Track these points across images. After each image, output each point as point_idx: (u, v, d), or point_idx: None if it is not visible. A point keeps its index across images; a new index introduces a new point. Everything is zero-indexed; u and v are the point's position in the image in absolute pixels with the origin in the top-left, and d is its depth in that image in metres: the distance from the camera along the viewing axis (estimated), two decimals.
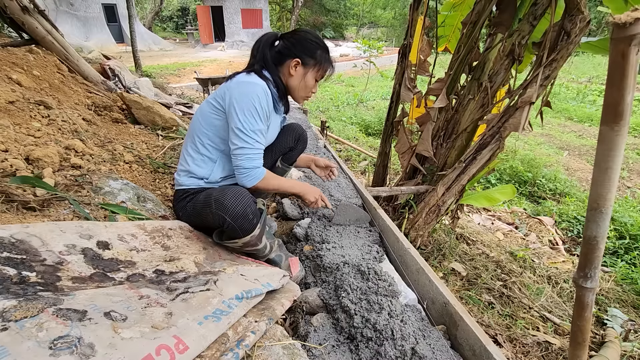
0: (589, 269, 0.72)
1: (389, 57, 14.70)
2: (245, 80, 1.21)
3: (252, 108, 1.17)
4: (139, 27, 15.79)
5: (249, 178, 1.22)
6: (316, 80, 1.34)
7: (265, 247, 1.29)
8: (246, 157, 1.20)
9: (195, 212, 1.23)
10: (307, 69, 1.30)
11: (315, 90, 1.38)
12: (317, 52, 1.29)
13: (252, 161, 1.21)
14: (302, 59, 1.27)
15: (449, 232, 2.25)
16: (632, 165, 4.95)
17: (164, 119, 2.61)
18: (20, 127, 1.49)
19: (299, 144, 1.63)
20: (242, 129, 1.17)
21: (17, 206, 1.06)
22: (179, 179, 1.30)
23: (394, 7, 26.87)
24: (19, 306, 0.63)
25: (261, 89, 1.20)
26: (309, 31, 1.33)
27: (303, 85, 1.32)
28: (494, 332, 1.42)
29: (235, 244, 1.21)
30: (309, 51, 1.28)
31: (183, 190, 1.29)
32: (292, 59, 1.27)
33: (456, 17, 2.21)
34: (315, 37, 1.31)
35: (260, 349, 0.86)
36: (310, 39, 1.29)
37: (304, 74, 1.30)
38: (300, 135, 1.62)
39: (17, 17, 2.55)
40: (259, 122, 1.20)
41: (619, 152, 0.60)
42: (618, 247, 2.82)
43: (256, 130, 1.20)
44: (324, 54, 1.30)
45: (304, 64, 1.28)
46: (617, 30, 0.52)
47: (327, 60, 1.32)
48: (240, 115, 1.17)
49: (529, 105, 1.55)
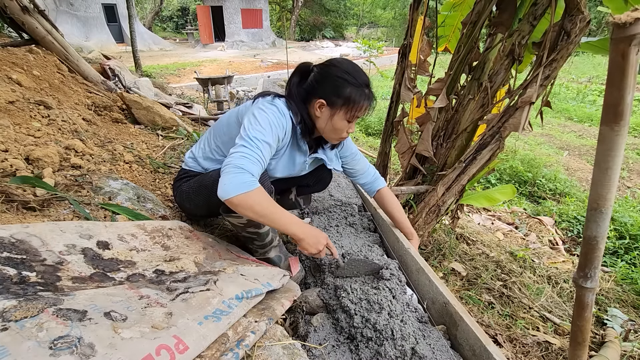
0: (589, 269, 0.72)
1: (389, 57, 14.70)
2: (275, 101, 1.14)
3: (265, 120, 1.05)
4: (139, 27, 15.79)
5: (232, 181, 0.92)
6: (348, 121, 1.15)
7: (268, 234, 1.24)
8: (240, 154, 0.98)
9: (198, 187, 1.23)
10: (334, 110, 1.12)
11: (351, 130, 1.19)
12: (346, 90, 1.09)
13: (245, 160, 0.96)
14: (327, 99, 1.11)
15: (449, 232, 2.25)
16: (632, 165, 4.94)
17: (164, 119, 2.61)
18: (20, 127, 1.49)
19: (318, 185, 1.51)
20: (247, 134, 1.03)
21: (17, 206, 1.06)
22: (185, 159, 1.35)
23: (394, 7, 26.87)
24: (19, 306, 0.63)
25: (282, 112, 1.10)
26: (340, 63, 1.13)
27: (331, 128, 1.15)
28: (494, 332, 1.42)
29: (239, 219, 1.15)
30: (336, 90, 1.10)
31: (184, 170, 1.34)
32: (317, 99, 1.12)
33: (456, 17, 2.21)
34: (346, 71, 1.10)
35: (260, 349, 0.86)
36: (338, 76, 1.10)
37: (331, 116, 1.13)
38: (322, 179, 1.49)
39: (17, 17, 2.55)
40: (267, 135, 1.04)
41: (619, 152, 0.60)
42: (618, 247, 2.82)
43: (261, 140, 1.02)
44: (356, 91, 1.10)
45: (329, 105, 1.12)
46: (617, 30, 0.52)
47: (360, 97, 1.11)
48: (251, 122, 1.05)
49: (529, 105, 1.55)
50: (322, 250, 1.09)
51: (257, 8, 19.84)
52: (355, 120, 1.17)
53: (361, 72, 1.14)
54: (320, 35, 26.73)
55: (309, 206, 1.78)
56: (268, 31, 21.26)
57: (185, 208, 1.40)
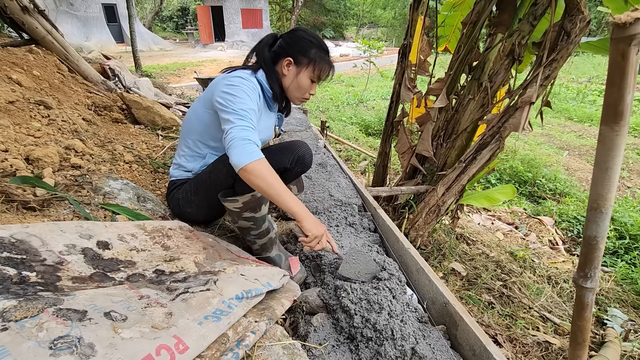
0: (589, 269, 0.72)
1: (389, 57, 14.69)
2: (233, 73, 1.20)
3: (238, 91, 1.12)
4: (139, 27, 15.79)
5: (242, 151, 0.99)
6: (312, 80, 1.27)
7: (264, 220, 1.25)
8: (239, 128, 1.03)
9: (195, 186, 1.27)
10: (300, 68, 1.24)
11: (312, 91, 1.32)
12: (312, 51, 1.23)
13: (247, 132, 1.03)
14: (294, 58, 1.23)
15: (449, 232, 2.25)
16: (632, 165, 4.94)
17: (164, 119, 2.61)
18: (20, 127, 1.49)
19: (297, 166, 1.35)
20: (232, 109, 1.07)
21: (17, 206, 1.06)
22: (171, 172, 1.39)
23: (394, 7, 26.87)
24: (19, 306, 0.63)
25: (247, 79, 1.17)
26: (306, 30, 1.28)
27: (296, 85, 1.27)
28: (494, 332, 1.42)
29: (235, 204, 1.17)
30: (303, 50, 1.23)
31: (172, 182, 1.38)
32: (285, 58, 1.24)
33: (456, 17, 2.21)
34: (312, 36, 1.26)
35: (260, 349, 0.86)
36: (304, 37, 1.24)
37: (297, 74, 1.25)
38: (301, 158, 1.34)
39: (17, 17, 2.55)
40: (248, 101, 1.11)
41: (619, 152, 0.60)
42: (618, 247, 2.81)
43: (247, 109, 1.08)
44: (319, 53, 1.24)
45: (296, 63, 1.24)
46: (617, 30, 0.52)
47: (323, 60, 1.25)
48: (227, 99, 1.10)
49: (529, 105, 1.55)
50: (323, 240, 1.11)
51: (257, 8, 19.84)
52: (317, 82, 1.28)
53: (324, 42, 1.28)
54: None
55: (303, 193, 1.78)
56: (268, 31, 21.17)
57: (186, 214, 1.38)
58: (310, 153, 1.40)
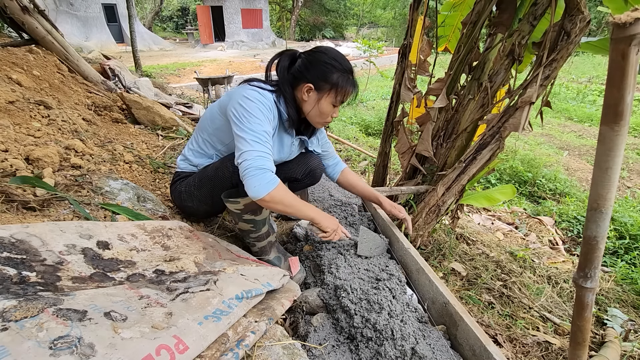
0: (589, 269, 0.72)
1: (389, 57, 14.70)
2: (253, 84, 1.17)
3: (254, 108, 1.09)
4: (139, 27, 15.79)
5: (260, 182, 1.01)
6: (334, 105, 1.21)
7: (264, 223, 1.26)
8: (255, 153, 1.03)
9: (199, 180, 1.29)
10: (322, 95, 1.17)
11: (335, 114, 1.25)
12: (334, 76, 1.15)
13: (262, 160, 1.03)
14: (315, 84, 1.16)
15: (449, 232, 2.25)
16: (632, 165, 4.94)
17: (164, 119, 2.61)
18: (20, 127, 1.49)
19: (307, 178, 1.41)
20: (248, 128, 1.06)
21: (17, 206, 1.06)
22: (178, 163, 1.41)
23: (394, 7, 26.86)
24: (19, 306, 0.63)
25: (265, 96, 1.13)
26: (327, 51, 1.19)
27: (317, 112, 1.20)
28: (494, 332, 1.42)
29: (236, 205, 1.18)
30: (324, 75, 1.15)
31: (177, 173, 1.40)
32: (305, 84, 1.17)
33: (456, 17, 2.21)
34: (333, 58, 1.16)
35: (260, 349, 0.86)
36: (325, 61, 1.15)
37: (318, 100, 1.18)
38: (312, 171, 1.40)
39: (17, 17, 2.55)
40: (264, 122, 1.09)
41: (619, 152, 0.60)
42: (618, 247, 2.81)
43: (261, 131, 1.06)
44: (341, 77, 1.16)
45: (317, 89, 1.17)
46: (617, 30, 0.52)
47: (346, 83, 1.17)
48: (242, 114, 1.08)
49: (529, 105, 1.55)
50: (338, 231, 1.24)
51: (257, 8, 19.83)
52: (340, 105, 1.23)
53: (346, 60, 1.20)
54: (320, 35, 26.72)
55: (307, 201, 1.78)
56: (268, 31, 21.27)
57: (187, 207, 1.41)
58: (321, 167, 1.46)
